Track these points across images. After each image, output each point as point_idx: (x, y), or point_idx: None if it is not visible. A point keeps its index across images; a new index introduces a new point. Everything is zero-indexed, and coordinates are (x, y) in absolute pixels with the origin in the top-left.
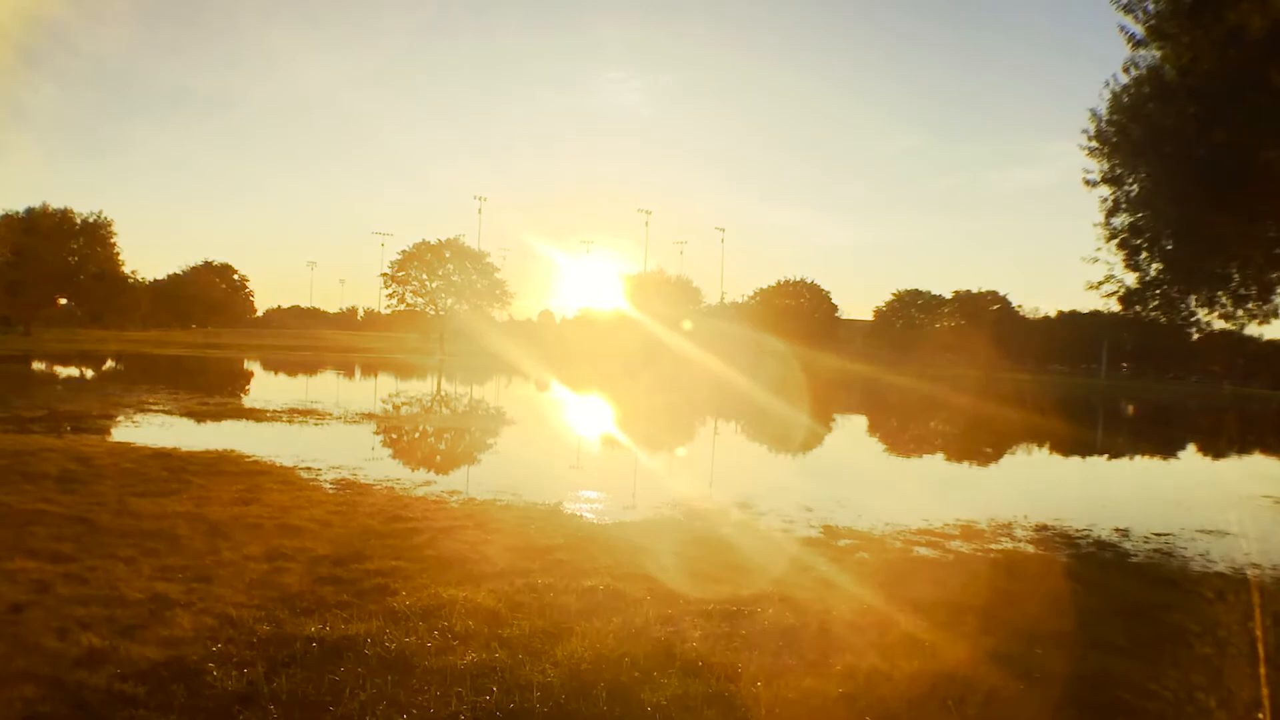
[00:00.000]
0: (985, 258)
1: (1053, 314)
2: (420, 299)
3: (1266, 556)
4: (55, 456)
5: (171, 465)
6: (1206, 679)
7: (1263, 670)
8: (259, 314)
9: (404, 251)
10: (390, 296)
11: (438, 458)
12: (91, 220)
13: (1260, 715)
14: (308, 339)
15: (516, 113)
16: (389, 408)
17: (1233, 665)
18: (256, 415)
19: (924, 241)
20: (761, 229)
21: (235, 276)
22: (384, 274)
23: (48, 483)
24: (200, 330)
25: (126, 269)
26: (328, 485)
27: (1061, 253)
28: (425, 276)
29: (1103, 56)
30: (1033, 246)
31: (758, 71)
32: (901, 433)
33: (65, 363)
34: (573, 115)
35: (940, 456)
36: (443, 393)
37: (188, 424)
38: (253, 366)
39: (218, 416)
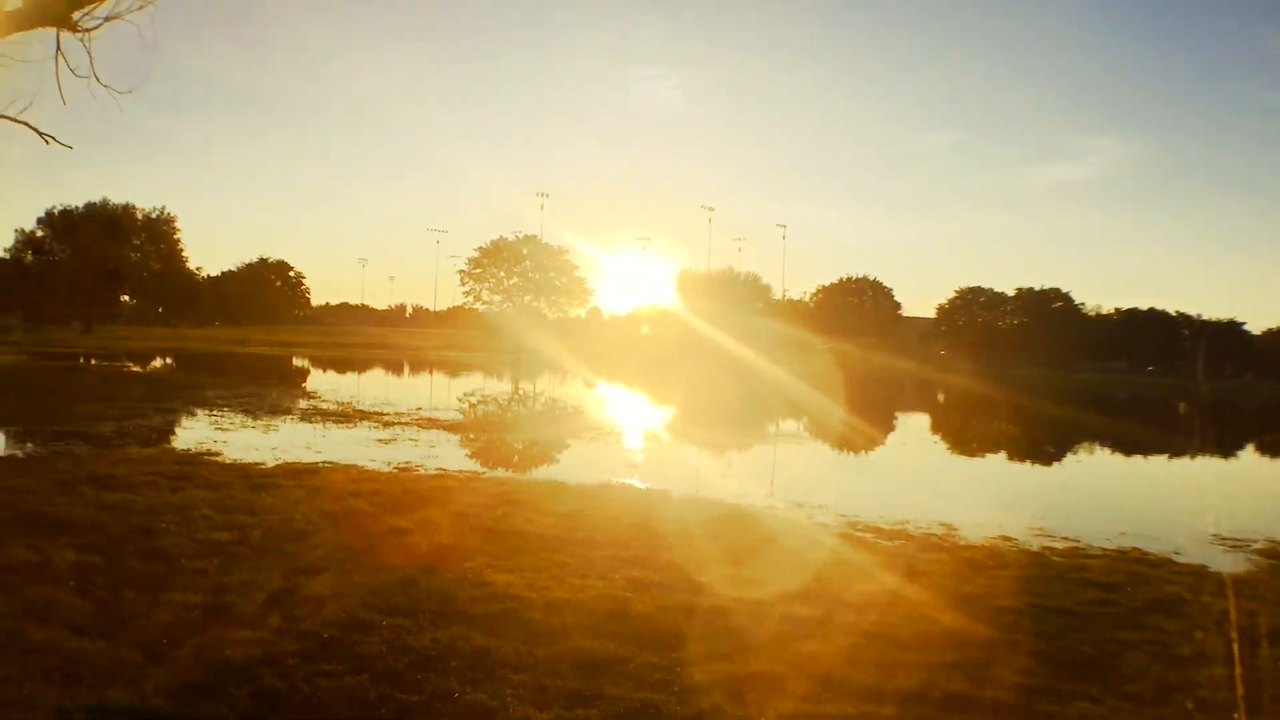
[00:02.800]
0: (1035, 254)
1: (1111, 311)
2: (499, 296)
3: None
4: (433, 493)
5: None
6: None
7: None
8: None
9: (481, 248)
10: (467, 294)
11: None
12: (154, 216)
13: None
14: (373, 338)
15: (560, 111)
16: (624, 417)
17: None
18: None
19: (973, 238)
20: (808, 226)
21: (291, 273)
22: (461, 270)
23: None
24: (255, 328)
25: (190, 265)
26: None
27: (1112, 249)
28: (503, 274)
29: (1129, 52)
30: (1081, 242)
31: (789, 70)
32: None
33: (154, 362)
34: (610, 112)
35: None
36: (630, 396)
37: (453, 441)
38: (364, 367)
39: (479, 430)
